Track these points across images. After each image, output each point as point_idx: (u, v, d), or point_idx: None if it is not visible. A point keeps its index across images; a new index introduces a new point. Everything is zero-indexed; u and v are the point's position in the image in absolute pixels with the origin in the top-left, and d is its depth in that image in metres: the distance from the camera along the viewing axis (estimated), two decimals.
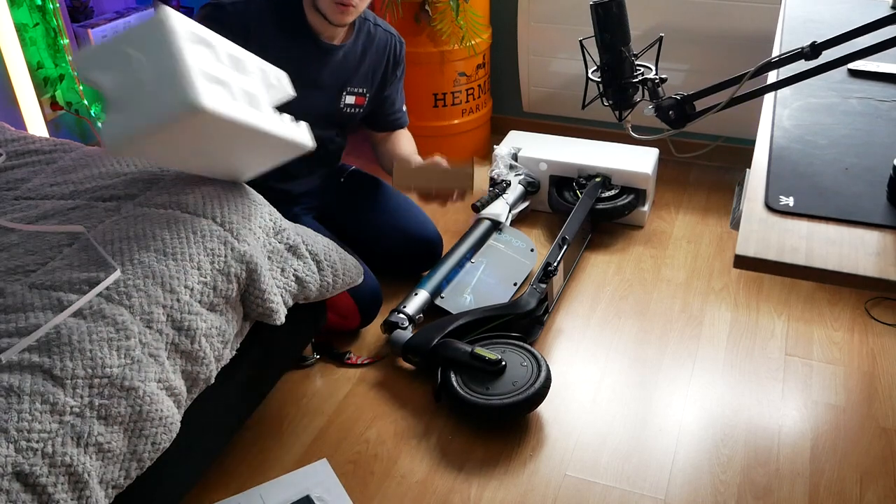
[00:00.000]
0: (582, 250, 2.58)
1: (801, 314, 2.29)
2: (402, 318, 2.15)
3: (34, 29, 2.49)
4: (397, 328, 2.14)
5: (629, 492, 1.78)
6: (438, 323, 2.10)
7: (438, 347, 2.00)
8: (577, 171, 2.71)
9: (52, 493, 1.25)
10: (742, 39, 2.72)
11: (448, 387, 1.93)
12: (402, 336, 2.11)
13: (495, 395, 1.89)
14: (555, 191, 2.73)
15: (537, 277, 2.24)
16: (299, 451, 1.91)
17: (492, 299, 2.30)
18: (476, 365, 1.93)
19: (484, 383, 1.92)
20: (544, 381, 1.91)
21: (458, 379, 1.94)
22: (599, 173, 2.67)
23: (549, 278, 2.23)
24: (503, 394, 1.89)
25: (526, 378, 1.91)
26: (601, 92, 1.82)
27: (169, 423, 1.45)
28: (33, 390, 1.29)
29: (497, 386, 1.91)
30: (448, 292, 2.29)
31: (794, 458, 1.85)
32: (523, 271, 2.45)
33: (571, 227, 2.43)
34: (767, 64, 1.47)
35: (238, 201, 1.80)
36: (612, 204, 2.62)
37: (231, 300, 1.65)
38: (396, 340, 2.11)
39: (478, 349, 1.95)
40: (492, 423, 1.94)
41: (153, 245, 1.60)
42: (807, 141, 1.47)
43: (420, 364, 2.06)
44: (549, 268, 2.25)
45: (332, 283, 1.90)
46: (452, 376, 1.94)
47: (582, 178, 2.69)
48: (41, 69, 2.54)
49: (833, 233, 1.21)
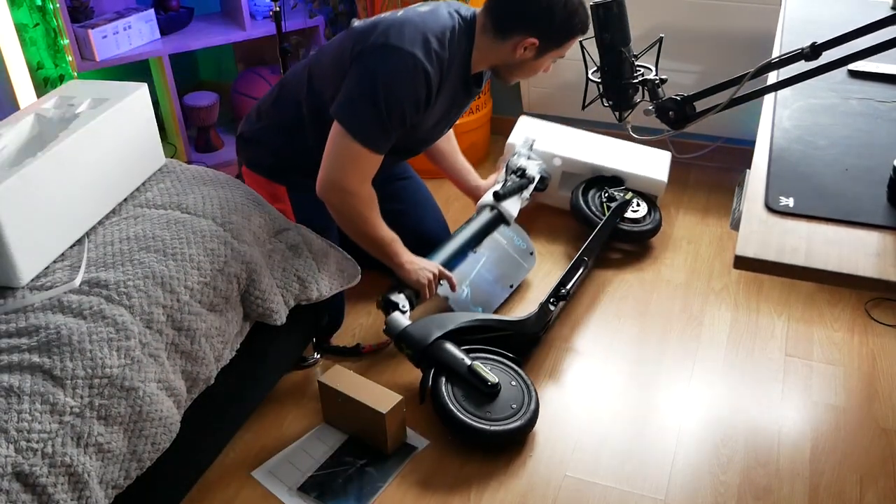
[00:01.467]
0: (588, 267, 2.48)
1: (801, 315, 2.29)
2: (403, 300, 2.05)
3: (34, 29, 2.48)
4: (397, 309, 2.03)
5: (629, 492, 1.78)
6: (439, 320, 2.02)
7: (435, 347, 1.94)
8: (590, 171, 2.64)
9: (52, 494, 1.25)
10: (742, 40, 2.72)
11: (437, 394, 1.89)
12: (400, 321, 2.00)
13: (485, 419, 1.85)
14: (580, 192, 2.61)
15: (548, 298, 2.16)
16: None
17: (487, 298, 2.28)
18: (472, 382, 1.89)
19: (477, 403, 1.87)
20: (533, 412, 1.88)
21: (451, 391, 1.90)
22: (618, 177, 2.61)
23: (561, 302, 2.17)
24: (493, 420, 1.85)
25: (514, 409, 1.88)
26: (601, 92, 1.83)
27: (169, 423, 1.45)
28: (33, 390, 1.29)
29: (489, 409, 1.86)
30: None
31: (794, 459, 1.85)
32: (521, 274, 2.42)
33: (592, 249, 2.35)
34: (767, 65, 1.47)
35: (238, 202, 1.80)
36: (639, 227, 2.54)
37: (231, 300, 1.65)
38: (394, 324, 2.00)
39: (476, 366, 1.90)
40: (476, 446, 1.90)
41: (153, 245, 1.60)
42: (807, 142, 1.47)
43: (412, 357, 1.98)
44: (561, 290, 2.18)
45: (331, 284, 1.90)
46: (443, 384, 1.90)
47: (611, 189, 2.59)
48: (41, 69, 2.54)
49: (833, 233, 1.21)
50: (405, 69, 1.82)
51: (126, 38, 2.76)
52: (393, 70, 1.82)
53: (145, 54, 2.82)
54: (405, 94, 1.84)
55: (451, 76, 1.94)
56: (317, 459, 1.87)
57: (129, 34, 2.77)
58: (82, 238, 1.66)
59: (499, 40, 1.91)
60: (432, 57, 1.85)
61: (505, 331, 2.08)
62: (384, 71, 1.82)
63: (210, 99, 3.07)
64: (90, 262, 1.57)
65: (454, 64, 1.92)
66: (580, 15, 1.89)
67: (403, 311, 2.04)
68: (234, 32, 2.97)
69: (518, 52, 1.92)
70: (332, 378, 1.90)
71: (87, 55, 2.69)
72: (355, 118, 1.85)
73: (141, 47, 2.81)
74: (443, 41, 1.87)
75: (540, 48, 1.91)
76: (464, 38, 1.93)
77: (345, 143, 1.86)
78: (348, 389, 1.87)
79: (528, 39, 1.88)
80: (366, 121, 1.85)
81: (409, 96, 1.84)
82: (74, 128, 1.62)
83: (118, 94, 1.76)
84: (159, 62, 2.88)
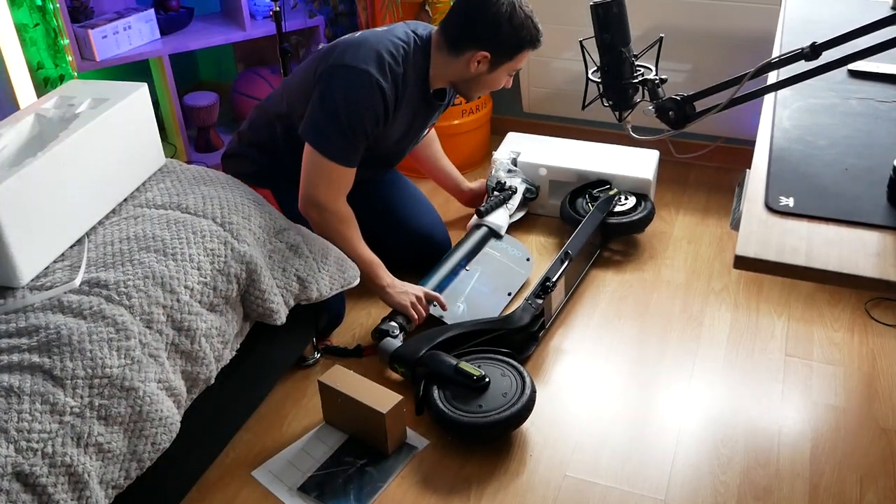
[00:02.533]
0: (588, 266, 2.50)
1: (801, 315, 2.29)
2: (393, 327, 2.11)
3: (34, 29, 2.49)
4: (387, 336, 2.09)
5: (629, 492, 1.78)
6: (428, 334, 2.06)
7: (424, 359, 1.96)
8: (576, 177, 2.66)
9: (52, 494, 1.25)
10: (742, 39, 2.72)
11: (430, 402, 1.89)
12: (390, 345, 2.06)
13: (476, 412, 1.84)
14: (567, 201, 2.64)
15: (533, 292, 2.18)
16: None
17: (485, 309, 2.28)
18: (459, 380, 1.89)
19: (467, 399, 1.87)
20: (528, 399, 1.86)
21: (442, 394, 1.90)
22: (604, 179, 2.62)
23: (547, 294, 2.17)
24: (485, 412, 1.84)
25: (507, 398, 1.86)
26: (601, 92, 1.82)
27: (169, 423, 1.45)
28: (33, 390, 1.29)
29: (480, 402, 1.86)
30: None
31: (794, 459, 1.85)
32: (518, 281, 2.42)
33: (576, 243, 2.35)
34: (767, 64, 1.47)
35: (238, 202, 1.80)
36: (628, 218, 2.53)
37: (231, 300, 1.65)
38: (384, 349, 2.07)
39: (462, 364, 1.91)
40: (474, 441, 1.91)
41: (153, 245, 1.60)
42: (807, 142, 1.46)
43: (406, 375, 2.03)
44: (547, 283, 2.19)
45: (331, 284, 1.90)
46: (435, 391, 1.90)
47: (596, 190, 2.61)
48: (41, 69, 2.54)
49: (833, 233, 1.21)
50: (361, 85, 1.95)
51: (126, 38, 2.77)
52: (349, 87, 1.96)
53: (145, 54, 2.82)
54: (363, 108, 1.96)
55: (409, 91, 2.05)
56: (317, 459, 1.87)
57: (129, 34, 2.77)
58: (82, 238, 1.66)
59: (453, 56, 2.03)
60: (386, 73, 1.97)
61: (495, 331, 2.10)
62: (342, 88, 1.96)
63: (210, 99, 3.08)
64: (90, 262, 1.57)
65: (410, 80, 2.04)
66: (528, 28, 2.01)
67: (394, 337, 2.09)
68: (233, 32, 2.97)
69: (472, 66, 2.02)
70: (332, 378, 1.91)
71: (87, 55, 2.69)
72: (321, 136, 1.99)
73: (141, 47, 2.82)
74: (396, 58, 2.00)
75: (493, 61, 2.02)
76: (420, 54, 2.05)
77: (315, 160, 2.00)
78: (348, 389, 1.87)
79: (479, 53, 2.00)
80: (331, 137, 1.98)
81: (367, 110, 1.97)
82: (74, 128, 1.62)
83: (118, 94, 1.76)
84: (159, 62, 2.88)
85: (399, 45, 2.02)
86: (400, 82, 2.01)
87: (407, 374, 2.03)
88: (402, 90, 2.03)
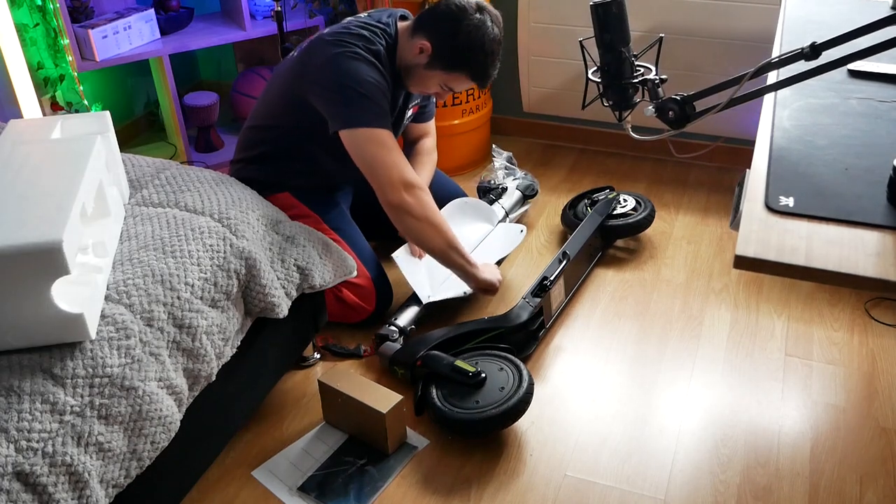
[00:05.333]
0: (590, 268, 2.51)
1: (801, 314, 2.29)
2: (393, 331, 2.12)
3: (34, 29, 2.49)
4: (387, 340, 2.11)
5: (629, 492, 1.78)
6: (426, 336, 2.08)
7: (423, 360, 1.98)
8: None
9: (52, 493, 1.25)
10: (742, 39, 2.72)
11: (428, 401, 1.90)
12: (390, 348, 2.09)
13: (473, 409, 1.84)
14: (568, 206, 2.68)
15: (531, 290, 2.19)
16: None
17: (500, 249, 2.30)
18: (456, 378, 1.90)
19: (464, 396, 1.87)
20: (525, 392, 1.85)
21: (439, 393, 1.90)
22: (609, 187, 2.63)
23: (544, 293, 2.17)
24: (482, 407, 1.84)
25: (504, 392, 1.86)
26: (601, 92, 1.82)
27: (168, 422, 1.45)
28: (33, 390, 1.29)
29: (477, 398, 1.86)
30: (433, 289, 2.28)
31: (794, 459, 1.85)
32: (507, 248, 2.42)
33: (574, 244, 2.37)
34: (767, 64, 1.47)
35: (235, 197, 1.80)
36: (626, 220, 2.54)
37: (232, 296, 1.65)
38: (384, 352, 2.09)
39: (458, 362, 1.92)
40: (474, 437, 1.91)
41: (152, 244, 1.60)
42: (807, 141, 1.47)
43: (406, 376, 2.04)
44: (544, 282, 2.20)
45: (331, 274, 1.90)
46: (433, 390, 1.91)
47: (597, 196, 2.64)
48: (41, 69, 2.54)
49: (833, 233, 1.21)
50: (355, 58, 1.97)
51: (126, 38, 2.77)
52: (348, 66, 1.96)
53: (145, 54, 2.82)
54: (366, 75, 1.96)
55: (387, 70, 2.04)
56: (317, 459, 1.87)
57: (130, 34, 2.77)
58: None
59: (410, 37, 2.05)
60: (370, 49, 2.00)
61: (494, 330, 2.10)
62: (343, 71, 1.96)
63: (210, 99, 3.08)
64: None
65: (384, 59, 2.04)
66: (479, 59, 2.00)
67: (393, 340, 2.11)
68: (234, 32, 2.97)
69: (415, 50, 2.02)
70: (332, 378, 1.91)
71: (87, 55, 2.69)
72: (352, 115, 1.96)
73: (141, 47, 2.82)
74: (375, 33, 2.03)
75: (431, 59, 2.01)
76: (393, 33, 2.07)
77: (364, 139, 1.96)
78: (348, 389, 1.87)
79: (425, 42, 2.00)
80: (355, 108, 1.96)
81: (372, 78, 1.97)
82: None
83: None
84: (159, 62, 2.88)
85: (378, 25, 2.05)
86: (382, 58, 2.02)
87: (406, 376, 2.05)
88: (385, 64, 2.04)
